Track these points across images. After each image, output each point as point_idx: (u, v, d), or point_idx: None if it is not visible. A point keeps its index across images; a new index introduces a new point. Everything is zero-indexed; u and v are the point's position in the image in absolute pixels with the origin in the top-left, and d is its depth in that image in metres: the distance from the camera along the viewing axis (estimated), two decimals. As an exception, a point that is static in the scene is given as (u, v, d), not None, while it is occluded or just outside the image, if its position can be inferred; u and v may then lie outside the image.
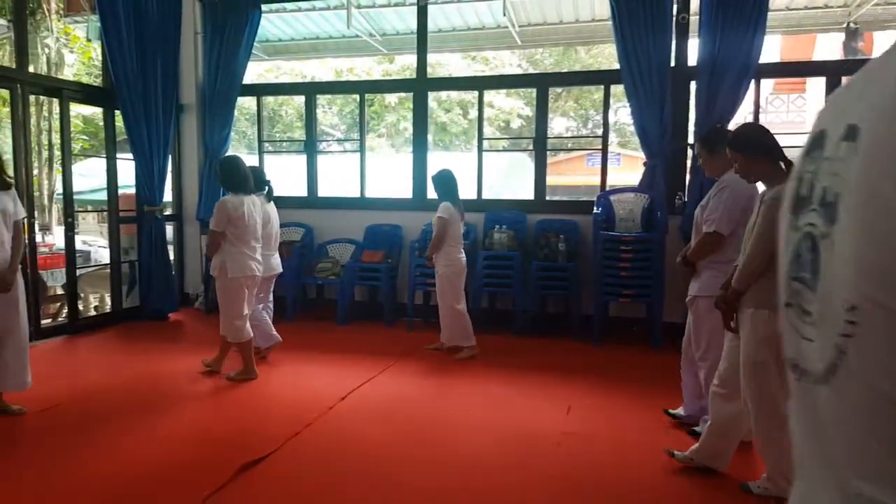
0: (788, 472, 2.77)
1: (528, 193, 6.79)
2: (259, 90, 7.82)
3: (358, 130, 7.34)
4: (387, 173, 9.52)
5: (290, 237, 6.95)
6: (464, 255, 5.36)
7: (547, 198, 6.65)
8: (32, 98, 6.14)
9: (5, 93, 5.99)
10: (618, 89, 6.20)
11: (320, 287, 7.03)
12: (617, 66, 5.94)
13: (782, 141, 2.82)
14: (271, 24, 8.35)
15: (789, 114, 16.37)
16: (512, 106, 17.34)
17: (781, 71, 8.65)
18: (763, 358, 2.72)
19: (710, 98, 5.64)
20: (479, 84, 7.77)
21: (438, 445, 3.48)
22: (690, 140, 5.88)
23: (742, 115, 6.39)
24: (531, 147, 6.98)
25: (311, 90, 7.70)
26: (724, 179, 3.29)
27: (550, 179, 7.33)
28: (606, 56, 17.74)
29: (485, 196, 6.87)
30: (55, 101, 6.60)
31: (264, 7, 7.07)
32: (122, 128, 6.54)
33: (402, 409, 4.05)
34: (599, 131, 6.56)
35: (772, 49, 12.61)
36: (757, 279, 2.72)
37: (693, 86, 5.85)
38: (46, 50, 11.95)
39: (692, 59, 5.89)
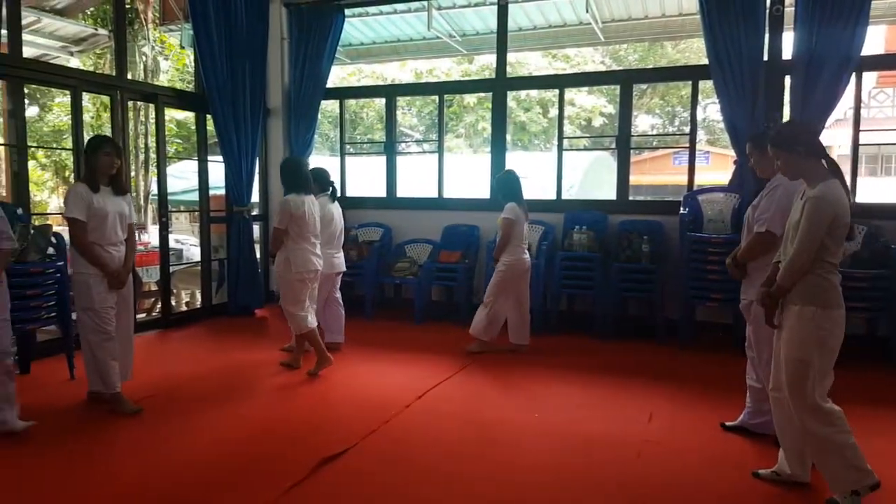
0: (853, 463, 2.67)
1: (610, 193, 6.62)
2: (341, 93, 7.99)
3: (437, 131, 7.36)
4: (464, 174, 9.53)
5: (368, 237, 7.07)
6: (528, 255, 5.33)
7: (630, 198, 6.46)
8: (130, 104, 6.49)
9: (106, 99, 6.36)
10: (707, 85, 5.96)
11: (398, 286, 7.11)
12: (706, 60, 5.69)
13: (887, 137, 2.67)
14: (354, 28, 8.51)
15: (895, 109, 15.32)
16: (594, 103, 17.01)
17: (886, 63, 8.08)
18: (805, 355, 2.70)
19: (807, 93, 5.31)
20: (560, 82, 7.65)
21: (513, 448, 3.43)
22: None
23: (841, 111, 6.01)
24: (614, 145, 6.80)
25: (391, 92, 7.80)
26: (777, 178, 3.22)
27: (634, 179, 7.13)
28: (695, 50, 17.13)
29: (564, 196, 6.76)
30: (151, 107, 6.95)
31: (347, 11, 7.22)
32: (212, 131, 6.82)
33: (478, 410, 4.02)
34: (687, 128, 6.32)
35: (875, 40, 11.80)
36: (803, 276, 2.71)
37: (788, 80, 5.53)
38: (143, 58, 12.67)
39: (787, 53, 5.56)
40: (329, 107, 11.69)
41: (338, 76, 14.26)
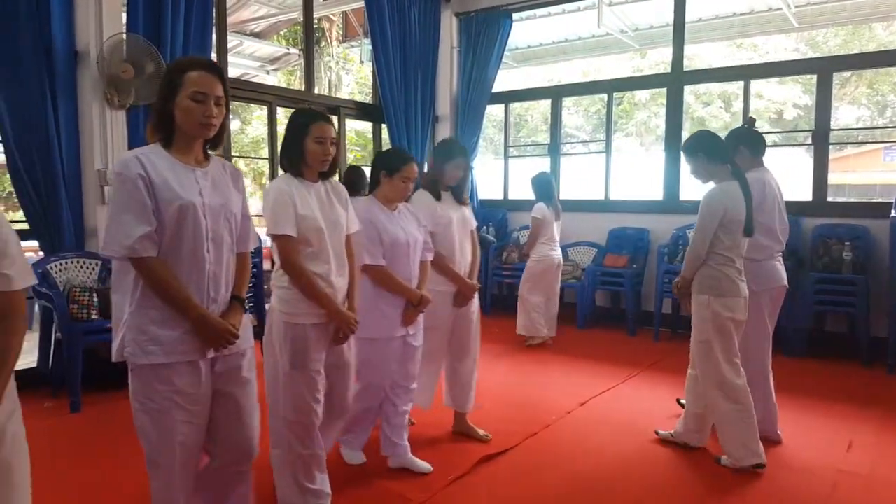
0: (746, 442, 3.05)
1: (804, 193, 5.95)
2: (506, 97, 7.99)
3: (604, 130, 7.11)
4: (635, 174, 9.12)
5: (531, 240, 6.99)
6: (557, 252, 5.69)
7: (829, 199, 5.77)
8: (327, 116, 7.00)
9: (298, 112, 6.91)
10: (927, 67, 5.16)
11: (560, 290, 6.94)
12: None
13: None
14: (522, 32, 8.49)
15: None
16: (786, 95, 15.51)
17: None
18: (707, 337, 3.09)
19: None
20: (745, 73, 6.98)
21: (682, 467, 3.18)
22: None
23: None
24: (809, 141, 6.10)
25: (557, 94, 7.66)
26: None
27: (834, 178, 6.36)
28: (912, 31, 15.03)
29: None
30: (334, 118, 7.41)
31: (515, 15, 7.21)
32: (387, 139, 7.14)
33: (643, 423, 3.77)
34: (899, 118, 5.52)
35: None
36: (699, 267, 3.09)
37: None
38: (328, 73, 13.63)
39: None
40: (493, 111, 11.83)
41: (505, 80, 14.36)
